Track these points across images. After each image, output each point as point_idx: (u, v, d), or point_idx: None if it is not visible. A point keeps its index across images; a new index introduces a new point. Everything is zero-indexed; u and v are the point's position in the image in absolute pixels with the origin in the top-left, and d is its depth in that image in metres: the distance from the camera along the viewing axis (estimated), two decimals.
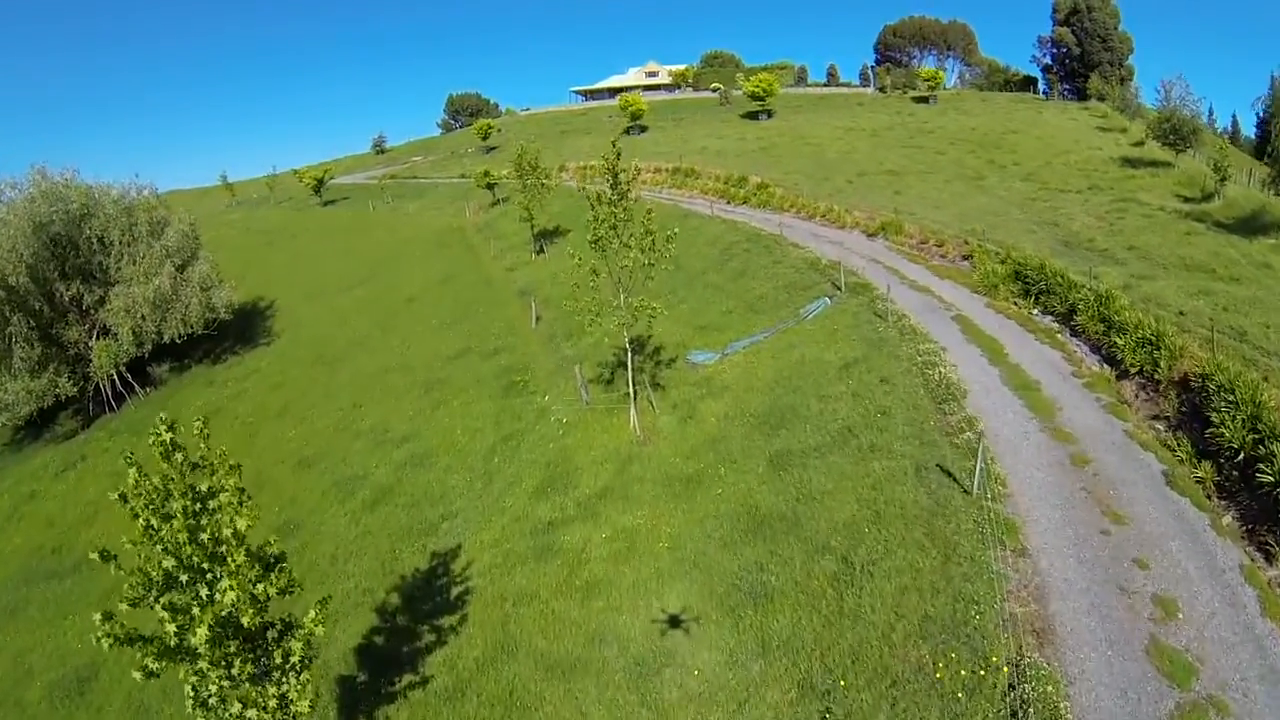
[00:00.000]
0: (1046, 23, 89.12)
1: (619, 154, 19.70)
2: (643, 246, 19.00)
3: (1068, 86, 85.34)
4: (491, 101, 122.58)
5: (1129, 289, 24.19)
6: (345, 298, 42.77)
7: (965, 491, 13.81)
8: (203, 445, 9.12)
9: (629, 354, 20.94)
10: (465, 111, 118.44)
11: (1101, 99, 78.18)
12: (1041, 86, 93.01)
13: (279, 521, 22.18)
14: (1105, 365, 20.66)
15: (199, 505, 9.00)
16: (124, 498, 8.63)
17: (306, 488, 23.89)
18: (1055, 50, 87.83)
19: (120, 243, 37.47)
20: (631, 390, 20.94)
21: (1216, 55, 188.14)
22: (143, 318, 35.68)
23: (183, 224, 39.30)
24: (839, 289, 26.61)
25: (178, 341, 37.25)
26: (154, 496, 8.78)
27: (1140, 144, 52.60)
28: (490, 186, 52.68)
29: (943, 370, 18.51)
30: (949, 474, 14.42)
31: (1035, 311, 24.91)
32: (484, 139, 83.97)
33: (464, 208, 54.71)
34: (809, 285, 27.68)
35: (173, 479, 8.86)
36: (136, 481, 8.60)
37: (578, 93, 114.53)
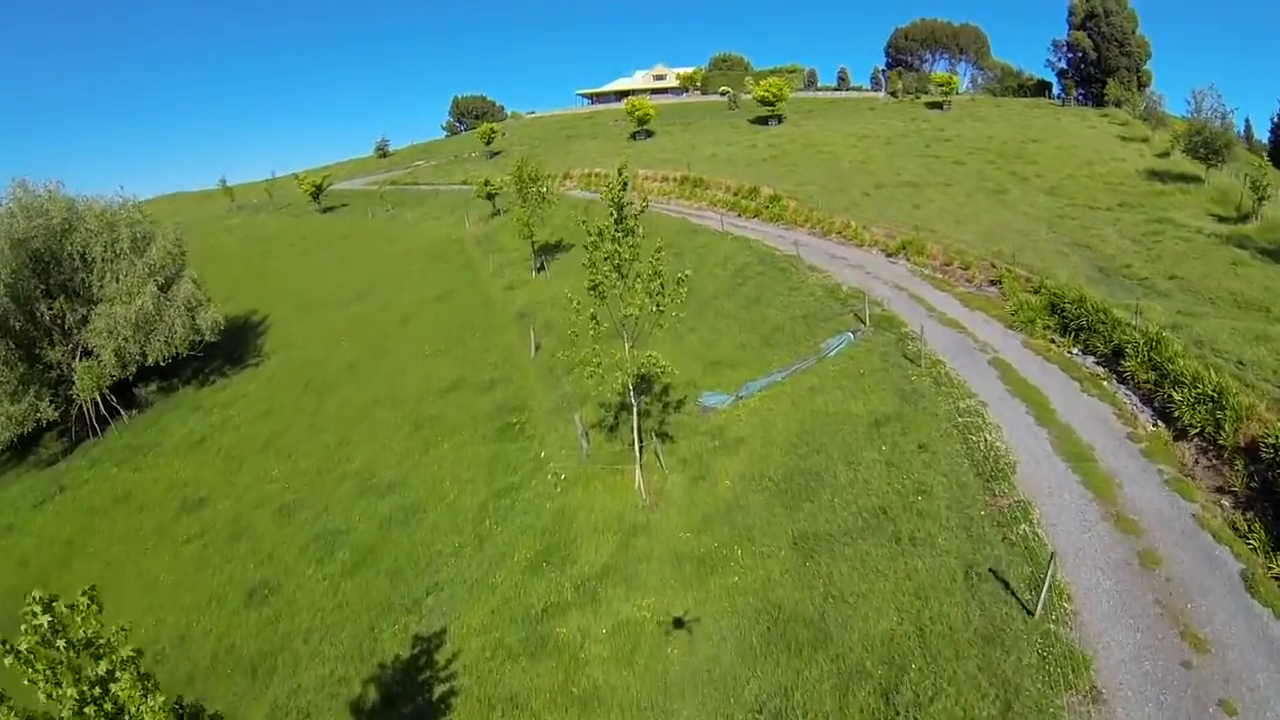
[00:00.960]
0: (1061, 26, 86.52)
1: (625, 183, 17.50)
2: (650, 290, 16.80)
3: (1084, 92, 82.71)
4: (497, 104, 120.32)
5: (1177, 329, 21.93)
6: (339, 315, 40.77)
7: (1026, 610, 11.67)
8: (94, 622, 6.99)
9: (633, 402, 18.85)
10: (470, 114, 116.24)
11: (1118, 105, 75.77)
12: (1056, 91, 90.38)
13: (254, 581, 20.26)
14: (1160, 422, 18.50)
15: (97, 690, 6.95)
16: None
17: (285, 541, 21.90)
18: (1071, 55, 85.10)
19: (102, 259, 35.56)
20: (636, 442, 18.86)
21: (1224, 57, 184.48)
22: (125, 339, 33.83)
23: (167, 240, 37.28)
24: (863, 323, 24.44)
25: (161, 364, 35.43)
26: (41, 679, 6.73)
27: (1165, 155, 50.20)
28: (490, 197, 50.59)
29: (988, 436, 16.35)
30: (1004, 582, 12.29)
31: (1075, 351, 22.71)
32: (487, 143, 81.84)
33: (464, 217, 52.65)
34: (829, 317, 25.50)
35: (60, 663, 6.81)
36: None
37: (584, 96, 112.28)
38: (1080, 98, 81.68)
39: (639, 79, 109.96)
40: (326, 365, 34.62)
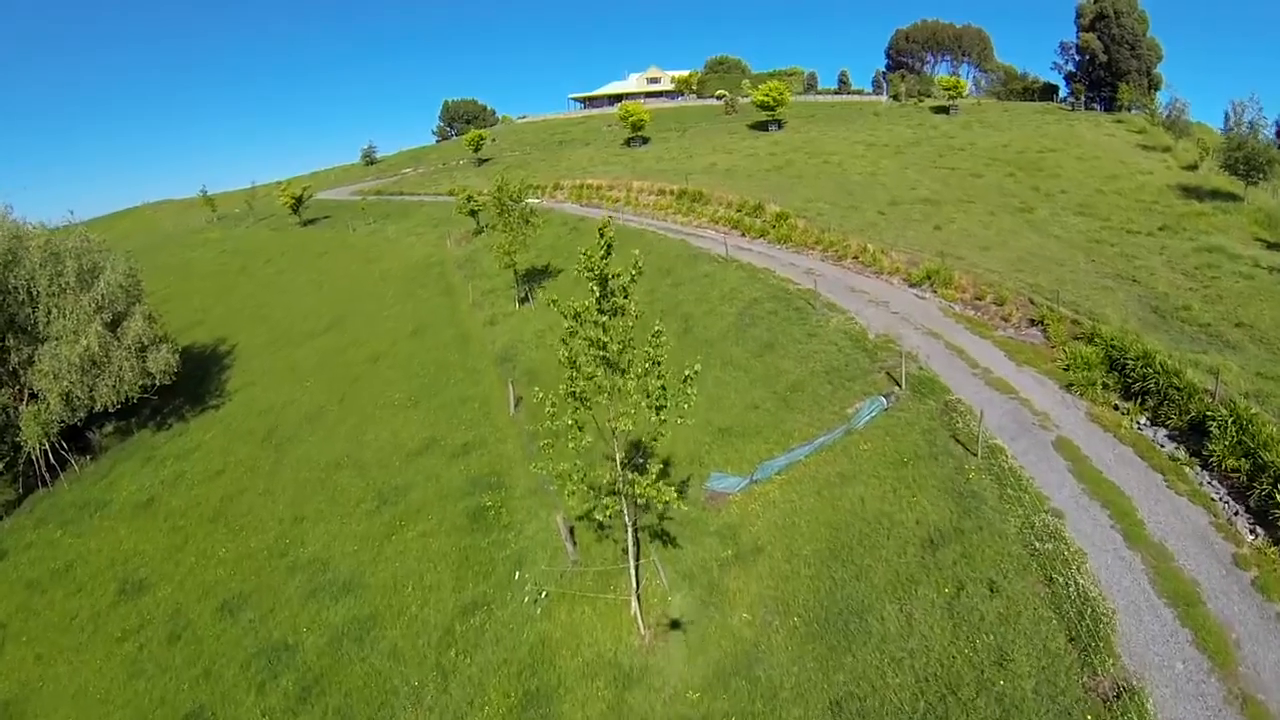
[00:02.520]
0: (1067, 28, 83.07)
1: (608, 247, 13.83)
2: (649, 389, 13.20)
3: (1093, 95, 79.24)
4: (489, 108, 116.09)
5: (1262, 397, 18.37)
6: (308, 348, 37.08)
7: None
8: None
9: (628, 521, 15.23)
10: (461, 118, 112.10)
11: (1129, 109, 72.45)
12: (1063, 95, 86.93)
13: (189, 707, 16.85)
14: (1258, 528, 15.04)
15: None
16: None
17: (227, 649, 18.39)
18: (1080, 57, 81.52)
19: (47, 294, 31.89)
20: (632, 561, 15.30)
21: (1227, 58, 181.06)
22: (71, 382, 30.23)
23: (117, 272, 33.45)
24: (897, 383, 20.87)
25: (110, 410, 31.81)
26: None
27: (1193, 168, 46.79)
28: (473, 213, 46.80)
29: (1074, 574, 12.77)
30: None
31: (1144, 421, 19.20)
32: (475, 150, 77.89)
33: (447, 235, 48.89)
34: (856, 374, 21.91)
35: None
36: None
37: (576, 100, 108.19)
38: (1090, 101, 78.25)
39: (633, 82, 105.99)
40: (289, 412, 30.99)
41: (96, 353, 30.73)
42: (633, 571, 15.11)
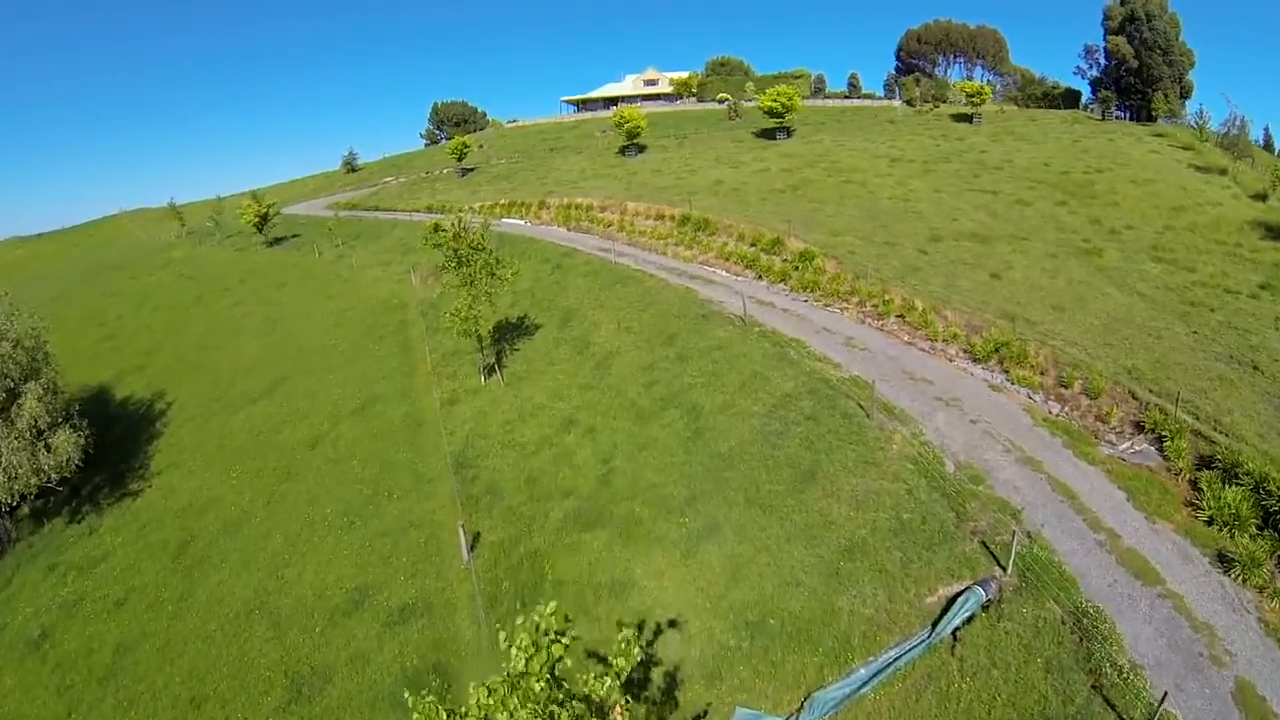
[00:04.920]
0: (1087, 30, 76.55)
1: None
2: None
3: (1122, 104, 72.68)
4: (479, 111, 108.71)
5: None
6: (243, 418, 30.49)
7: None
8: None
9: None
10: (450, 121, 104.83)
11: (1157, 118, 66.16)
12: (1085, 101, 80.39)
13: None
14: None
15: None
16: None
17: None
18: (1107, 62, 74.81)
19: None
20: None
21: (1237, 60, 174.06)
22: None
23: (6, 340, 26.74)
24: (998, 562, 14.47)
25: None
26: None
27: (1262, 197, 40.41)
28: (441, 245, 39.94)
29: None
30: None
31: None
32: (459, 159, 70.83)
33: (413, 267, 42.07)
34: (937, 535, 15.47)
35: None
36: None
37: (569, 103, 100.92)
38: (1120, 110, 71.68)
39: (628, 84, 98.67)
40: (209, 517, 24.54)
41: None
42: None
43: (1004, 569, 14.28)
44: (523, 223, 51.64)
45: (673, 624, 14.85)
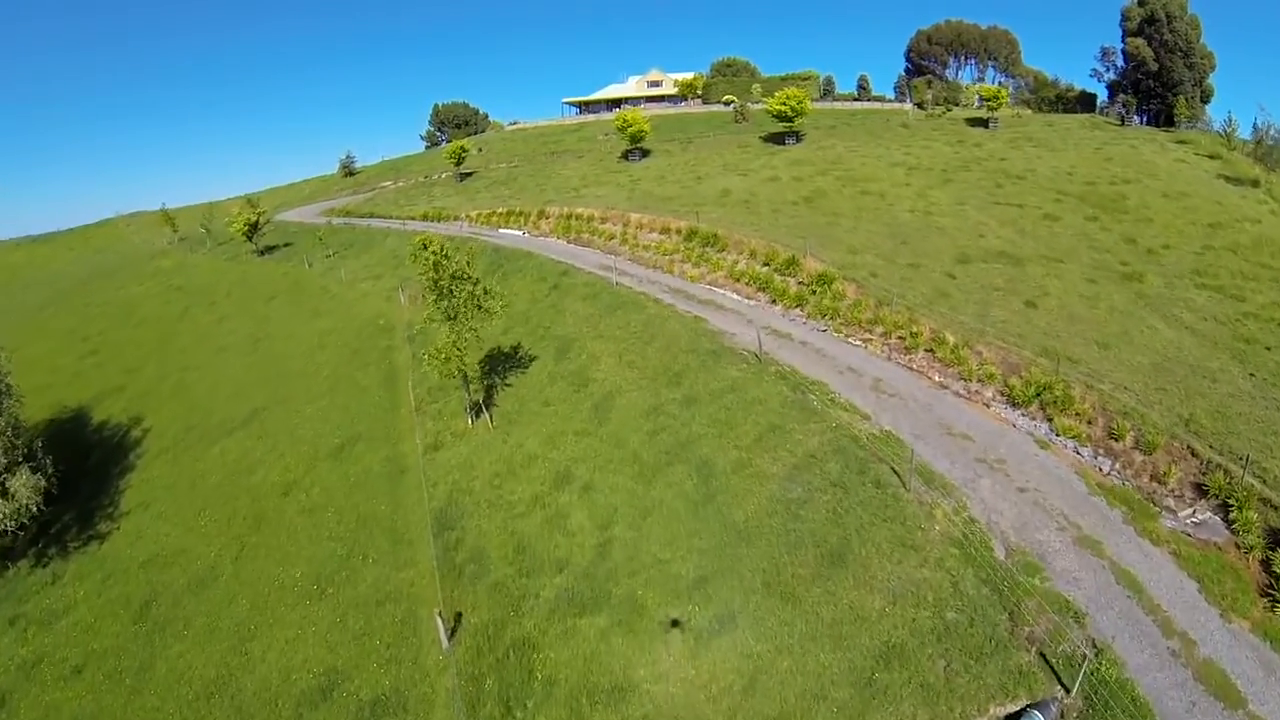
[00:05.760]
0: (1103, 32, 73.78)
1: None
2: None
3: (1141, 108, 69.96)
4: (480, 112, 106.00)
5: None
6: (217, 452, 28.19)
7: None
8: None
9: None
10: (451, 122, 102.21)
11: (1179, 124, 63.56)
12: (1101, 104, 77.61)
13: None
14: None
15: None
16: None
17: None
18: (1126, 65, 72.01)
19: None
20: None
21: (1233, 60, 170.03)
22: None
23: None
24: (1059, 679, 12.06)
25: None
26: None
27: None
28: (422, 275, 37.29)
29: None
30: None
31: None
32: (457, 164, 68.26)
33: (402, 283, 39.59)
34: (988, 643, 13.03)
35: None
36: None
37: (571, 104, 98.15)
38: (1141, 114, 68.94)
39: (631, 85, 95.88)
40: (175, 569, 22.27)
41: None
42: None
43: (1066, 690, 11.88)
44: (521, 233, 49.17)
45: None
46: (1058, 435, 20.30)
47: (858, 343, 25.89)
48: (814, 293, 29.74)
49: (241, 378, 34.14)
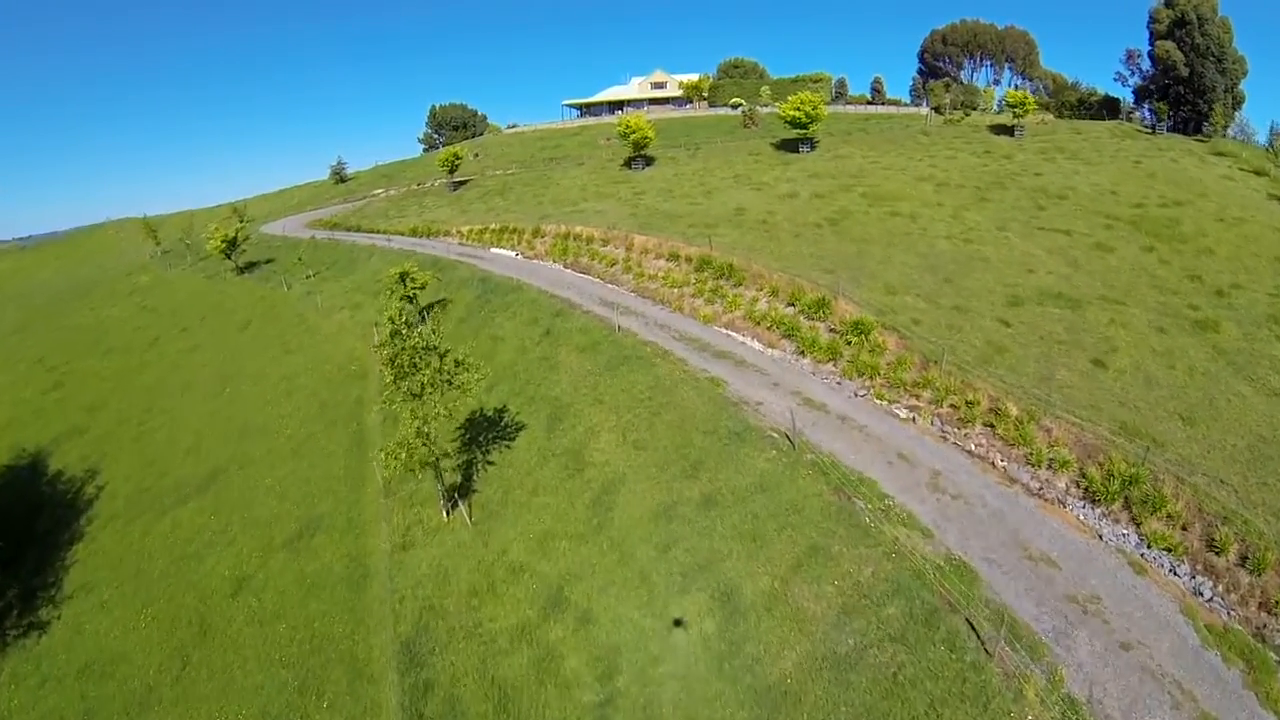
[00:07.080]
0: (1127, 33, 69.92)
1: None
2: None
3: (1171, 115, 65.97)
4: (479, 114, 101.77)
5: None
6: (166, 526, 24.63)
7: None
8: None
9: None
10: (449, 125, 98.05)
11: (1213, 134, 59.79)
12: (1126, 108, 73.65)
13: None
14: None
15: None
16: None
17: None
18: (1154, 69, 67.95)
19: None
20: None
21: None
22: None
23: None
24: None
25: None
26: None
27: None
28: (411, 298, 33.27)
29: None
30: None
31: None
32: (451, 172, 64.27)
33: (380, 315, 36.05)
34: None
35: None
36: None
37: (572, 106, 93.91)
38: (1172, 121, 64.94)
39: (634, 87, 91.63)
40: (111, 685, 18.84)
41: None
42: None
43: None
44: (513, 254, 45.31)
45: None
46: (1149, 546, 16.71)
47: (904, 411, 22.16)
48: (849, 343, 25.98)
49: (203, 428, 30.48)
